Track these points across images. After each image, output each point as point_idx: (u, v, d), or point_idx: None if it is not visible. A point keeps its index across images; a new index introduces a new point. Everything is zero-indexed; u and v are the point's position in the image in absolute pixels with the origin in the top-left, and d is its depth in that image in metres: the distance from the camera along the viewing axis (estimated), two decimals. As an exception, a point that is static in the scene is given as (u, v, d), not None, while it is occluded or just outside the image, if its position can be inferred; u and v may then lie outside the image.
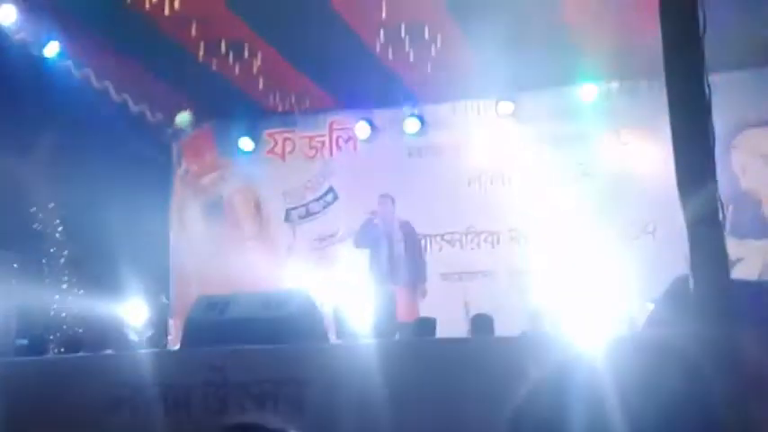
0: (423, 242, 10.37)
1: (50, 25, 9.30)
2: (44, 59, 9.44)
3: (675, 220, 3.49)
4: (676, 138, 3.26)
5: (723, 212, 3.16)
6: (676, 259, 3.91)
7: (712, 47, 3.37)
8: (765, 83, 9.58)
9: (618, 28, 8.33)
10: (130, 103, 10.78)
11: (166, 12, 8.50)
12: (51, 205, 10.01)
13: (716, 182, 3.18)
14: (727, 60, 7.02)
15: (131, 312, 9.57)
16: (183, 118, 10.01)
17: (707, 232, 3.13)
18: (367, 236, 9.07)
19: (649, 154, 9.41)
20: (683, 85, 3.24)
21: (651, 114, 9.25)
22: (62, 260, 10.11)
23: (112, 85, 10.31)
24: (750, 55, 9.13)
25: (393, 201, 9.30)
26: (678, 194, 3.23)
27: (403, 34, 9.13)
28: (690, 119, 3.22)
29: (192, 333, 4.80)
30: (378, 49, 9.40)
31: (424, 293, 9.05)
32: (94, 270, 9.93)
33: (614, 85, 10.28)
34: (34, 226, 9.95)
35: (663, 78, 3.41)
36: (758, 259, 9.36)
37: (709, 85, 3.24)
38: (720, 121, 3.36)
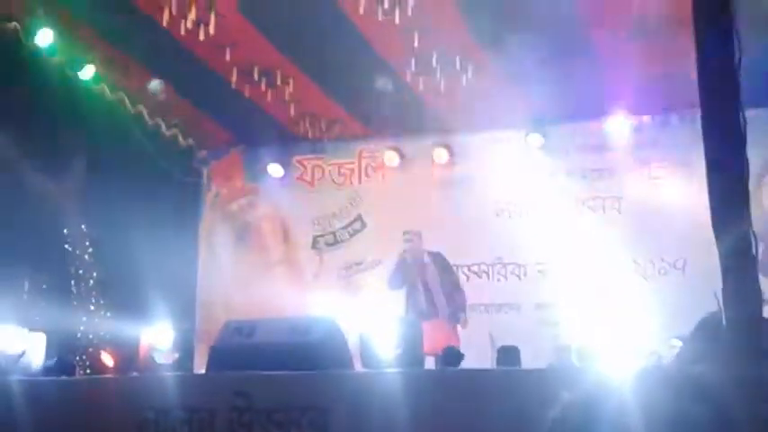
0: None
1: (86, 48, 9.45)
2: (80, 82, 9.58)
3: (706, 256, 3.45)
4: (710, 171, 3.23)
5: (756, 248, 3.13)
6: (705, 296, 3.87)
7: (747, 80, 3.35)
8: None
9: (649, 59, 8.30)
10: (163, 128, 10.90)
11: (201, 37, 8.62)
12: (82, 227, 10.10)
13: (750, 217, 3.15)
14: (762, 94, 6.96)
15: (158, 335, 9.59)
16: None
17: (740, 268, 3.10)
18: (399, 277, 9.01)
19: (680, 188, 9.35)
20: (718, 118, 3.22)
21: (682, 148, 9.28)
22: (91, 282, 10.17)
23: (146, 109, 10.44)
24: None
25: (420, 235, 9.24)
26: (712, 228, 3.20)
27: (434, 64, 9.18)
28: (724, 152, 3.20)
29: (219, 357, 4.80)
30: (408, 77, 9.47)
31: (465, 324, 8.97)
32: (122, 292, 9.98)
33: (645, 117, 10.23)
34: (65, 247, 10.03)
35: (694, 111, 3.39)
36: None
37: (744, 118, 3.22)
38: (753, 156, 3.33)
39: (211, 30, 8.54)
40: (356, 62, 9.27)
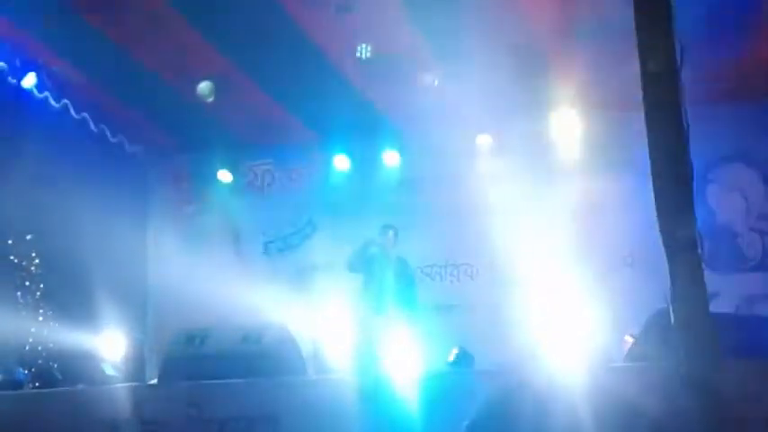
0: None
1: (29, 56, 9.29)
2: (22, 90, 9.41)
3: (654, 252, 3.49)
4: (655, 170, 3.28)
5: (702, 248, 3.18)
6: (656, 291, 3.92)
7: (689, 80, 3.40)
8: (740, 116, 9.68)
9: (595, 58, 8.39)
10: (108, 134, 10.76)
11: (145, 44, 8.53)
12: (27, 237, 9.90)
13: (695, 219, 3.19)
14: (703, 93, 7.09)
15: (108, 345, 9.44)
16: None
17: (686, 265, 3.14)
18: (361, 262, 8.96)
19: (628, 186, 9.45)
20: (661, 117, 3.26)
21: (629, 147, 9.38)
22: (38, 293, 9.97)
23: (90, 116, 10.29)
24: (726, 88, 9.23)
25: (396, 234, 9.22)
26: (658, 227, 3.25)
27: (383, 68, 9.18)
28: (668, 151, 3.24)
29: (170, 367, 4.76)
30: (358, 82, 9.46)
31: (416, 325, 8.97)
32: (72, 302, 9.79)
33: (591, 116, 10.32)
34: (10, 258, 9.83)
35: (639, 110, 3.43)
36: (735, 293, 9.39)
37: (688, 122, 3.27)
38: (697, 154, 3.38)
39: (156, 36, 8.46)
40: (306, 67, 9.24)
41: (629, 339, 7.30)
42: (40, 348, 9.73)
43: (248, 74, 9.54)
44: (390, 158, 11.02)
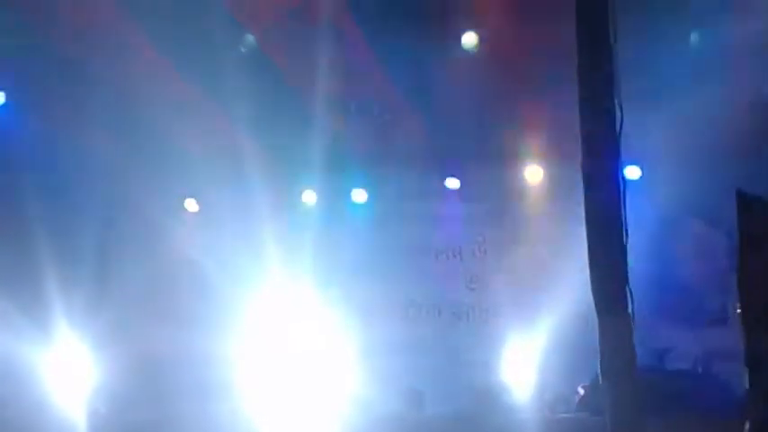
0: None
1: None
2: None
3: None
4: (589, 228, 3.27)
5: (632, 304, 3.16)
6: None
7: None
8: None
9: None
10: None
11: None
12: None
13: (626, 270, 3.18)
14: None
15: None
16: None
17: (615, 320, 3.13)
18: None
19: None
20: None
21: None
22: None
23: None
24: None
25: None
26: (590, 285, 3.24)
27: (352, 108, 9.25)
28: (603, 210, 3.23)
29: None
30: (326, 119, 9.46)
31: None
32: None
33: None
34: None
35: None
36: (693, 348, 9.35)
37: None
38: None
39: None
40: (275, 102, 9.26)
41: (581, 390, 7.30)
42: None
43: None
44: (358, 196, 10.92)
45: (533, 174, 10.43)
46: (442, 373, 9.60)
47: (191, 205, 11.19)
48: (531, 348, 9.51)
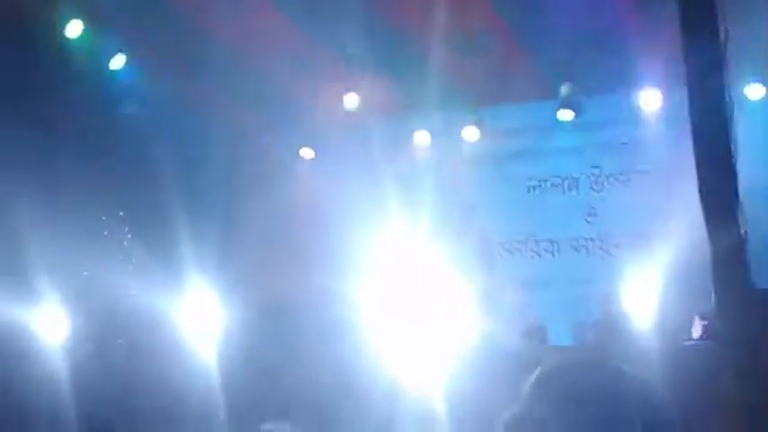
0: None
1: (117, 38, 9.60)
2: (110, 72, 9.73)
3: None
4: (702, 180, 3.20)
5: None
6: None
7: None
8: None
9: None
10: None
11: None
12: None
13: (743, 218, 3.11)
14: None
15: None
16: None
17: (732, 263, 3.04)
18: None
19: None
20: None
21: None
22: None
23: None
24: None
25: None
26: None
27: (460, 43, 9.17)
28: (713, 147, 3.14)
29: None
30: (435, 57, 9.43)
31: None
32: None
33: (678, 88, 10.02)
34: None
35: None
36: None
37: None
38: None
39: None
40: (385, 43, 9.28)
41: (700, 322, 7.17)
42: (129, 321, 10.07)
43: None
44: (470, 133, 10.89)
45: (650, 99, 10.16)
46: (563, 307, 9.60)
47: (307, 153, 11.47)
48: (652, 278, 9.34)
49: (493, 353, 7.11)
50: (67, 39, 9.25)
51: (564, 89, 9.85)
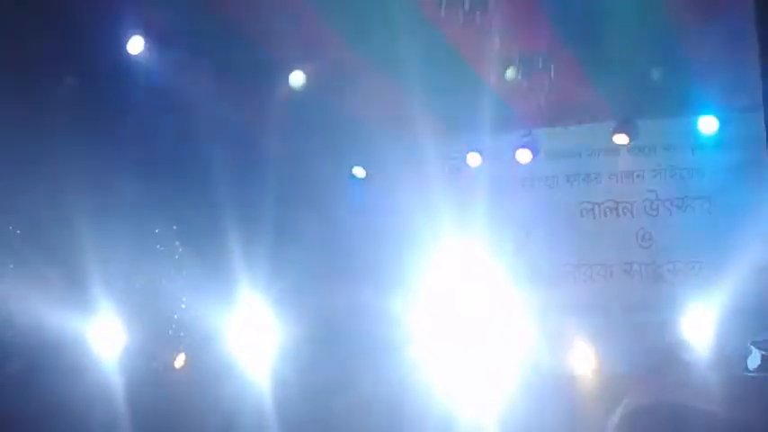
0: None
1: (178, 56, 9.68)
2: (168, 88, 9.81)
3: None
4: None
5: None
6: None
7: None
8: None
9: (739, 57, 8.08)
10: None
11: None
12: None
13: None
14: None
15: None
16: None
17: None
18: None
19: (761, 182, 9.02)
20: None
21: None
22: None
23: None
24: None
25: None
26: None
27: (516, 63, 9.12)
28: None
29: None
30: (490, 77, 9.39)
31: None
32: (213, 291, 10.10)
33: (734, 115, 9.92)
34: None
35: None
36: None
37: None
38: None
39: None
40: (437, 63, 9.24)
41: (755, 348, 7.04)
42: (182, 335, 10.15)
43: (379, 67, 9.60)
44: (523, 155, 10.83)
45: (708, 125, 10.03)
46: (616, 333, 9.46)
47: (359, 172, 11.49)
48: (708, 306, 9.20)
49: (541, 377, 7.06)
50: (129, 54, 9.33)
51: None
